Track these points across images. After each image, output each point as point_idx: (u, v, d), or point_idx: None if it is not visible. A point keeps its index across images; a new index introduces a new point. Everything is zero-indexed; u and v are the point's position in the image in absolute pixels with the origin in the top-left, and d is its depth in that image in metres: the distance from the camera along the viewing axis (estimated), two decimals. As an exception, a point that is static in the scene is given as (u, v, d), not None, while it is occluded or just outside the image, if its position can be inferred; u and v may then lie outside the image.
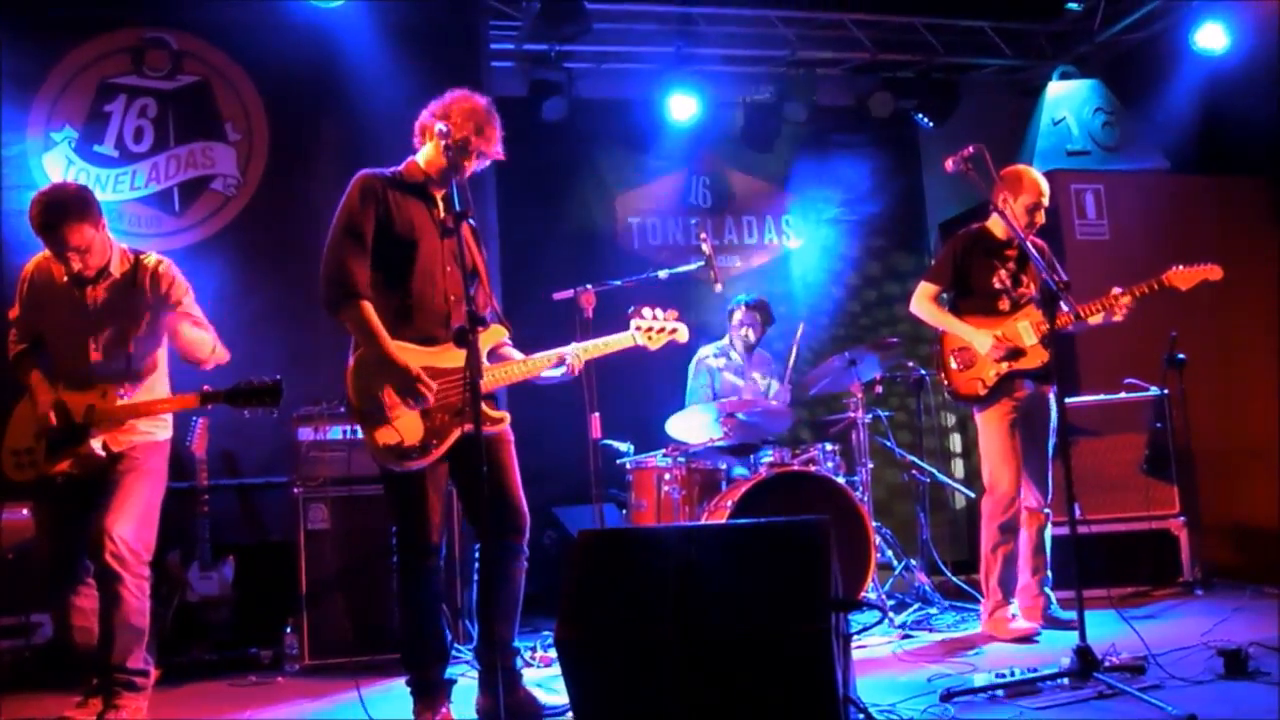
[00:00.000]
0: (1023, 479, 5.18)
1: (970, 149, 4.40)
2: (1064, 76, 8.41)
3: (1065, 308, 4.78)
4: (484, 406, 3.85)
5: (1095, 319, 5.05)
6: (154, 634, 4.24)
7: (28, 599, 5.15)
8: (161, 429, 4.38)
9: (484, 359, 3.90)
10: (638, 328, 4.33)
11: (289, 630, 5.38)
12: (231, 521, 5.85)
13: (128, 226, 6.40)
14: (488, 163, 4.07)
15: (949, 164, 4.47)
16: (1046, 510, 5.26)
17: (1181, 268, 5.06)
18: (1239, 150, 7.73)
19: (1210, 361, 6.76)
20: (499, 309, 4.12)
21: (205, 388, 4.17)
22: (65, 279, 4.24)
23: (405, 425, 3.81)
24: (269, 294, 6.41)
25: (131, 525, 4.10)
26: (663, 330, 4.36)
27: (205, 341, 4.32)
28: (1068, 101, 8.25)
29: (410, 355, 3.83)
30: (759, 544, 2.89)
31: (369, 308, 3.83)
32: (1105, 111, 8.24)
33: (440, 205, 4.07)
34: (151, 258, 4.39)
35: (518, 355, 4.12)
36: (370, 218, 3.89)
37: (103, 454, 4.17)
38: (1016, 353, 5.14)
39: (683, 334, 4.42)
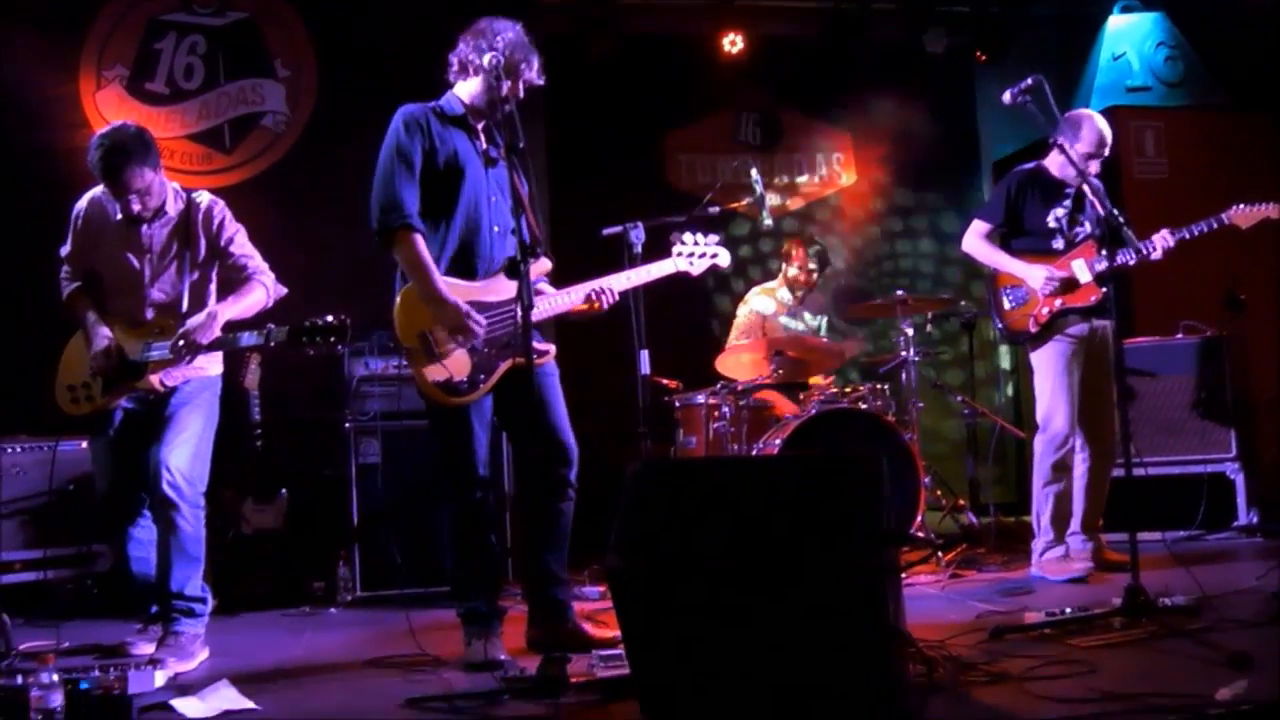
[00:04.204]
0: (1081, 420, 5.11)
1: (1030, 80, 4.29)
2: (1125, 10, 8.15)
3: (1127, 243, 4.68)
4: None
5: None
6: (209, 566, 4.31)
7: (88, 529, 5.27)
8: (214, 364, 4.41)
9: (532, 291, 3.88)
10: (679, 253, 4.30)
11: (341, 563, 5.47)
12: (284, 456, 5.91)
13: (180, 164, 6.44)
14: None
15: (1007, 96, 4.35)
16: (1112, 454, 5.16)
17: (1243, 206, 4.97)
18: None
19: (1269, 304, 6.62)
20: (542, 240, 4.09)
21: (270, 326, 4.18)
22: (120, 217, 4.27)
23: (453, 361, 3.81)
24: (319, 229, 6.43)
25: (186, 457, 4.16)
26: (704, 255, 4.32)
27: (256, 302, 4.34)
28: (1128, 36, 8.02)
29: (457, 291, 3.83)
30: (811, 477, 2.87)
31: (420, 241, 3.81)
32: (1168, 46, 8.00)
33: (482, 137, 4.04)
34: (204, 196, 4.41)
35: (553, 290, 4.10)
36: (418, 147, 3.87)
37: (161, 388, 4.22)
38: (1070, 285, 5.05)
39: (724, 258, 4.38)
